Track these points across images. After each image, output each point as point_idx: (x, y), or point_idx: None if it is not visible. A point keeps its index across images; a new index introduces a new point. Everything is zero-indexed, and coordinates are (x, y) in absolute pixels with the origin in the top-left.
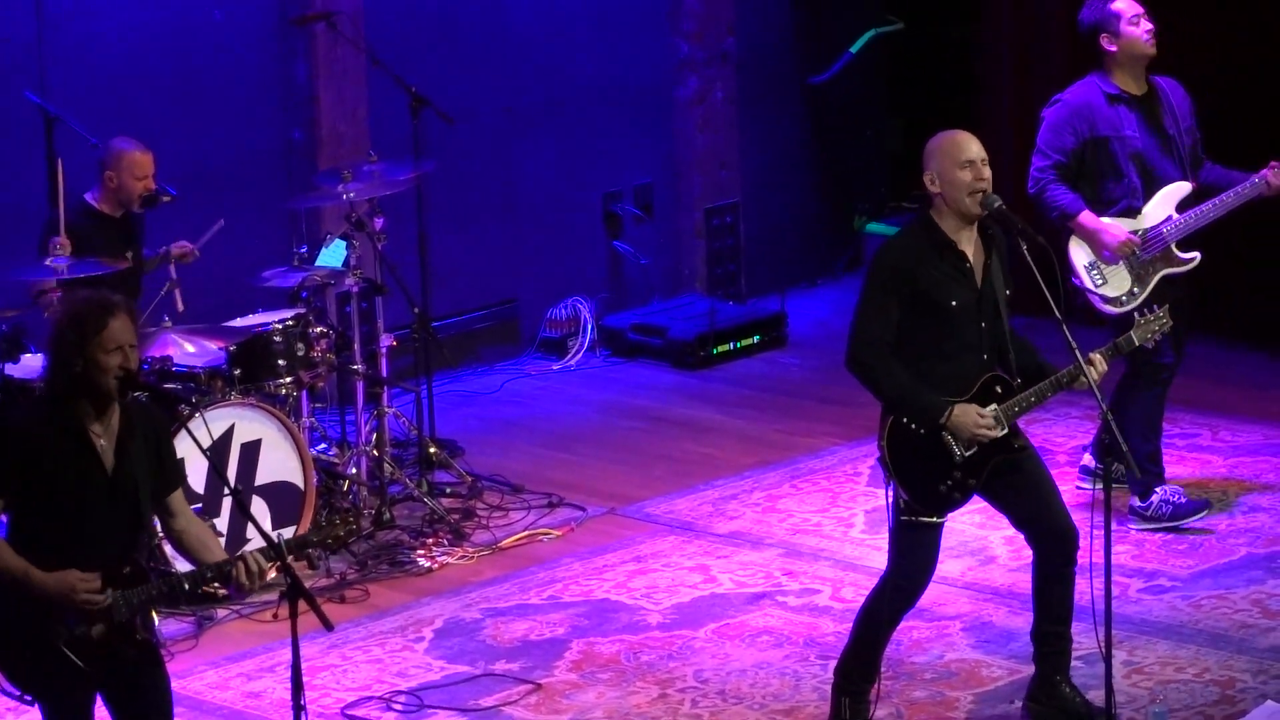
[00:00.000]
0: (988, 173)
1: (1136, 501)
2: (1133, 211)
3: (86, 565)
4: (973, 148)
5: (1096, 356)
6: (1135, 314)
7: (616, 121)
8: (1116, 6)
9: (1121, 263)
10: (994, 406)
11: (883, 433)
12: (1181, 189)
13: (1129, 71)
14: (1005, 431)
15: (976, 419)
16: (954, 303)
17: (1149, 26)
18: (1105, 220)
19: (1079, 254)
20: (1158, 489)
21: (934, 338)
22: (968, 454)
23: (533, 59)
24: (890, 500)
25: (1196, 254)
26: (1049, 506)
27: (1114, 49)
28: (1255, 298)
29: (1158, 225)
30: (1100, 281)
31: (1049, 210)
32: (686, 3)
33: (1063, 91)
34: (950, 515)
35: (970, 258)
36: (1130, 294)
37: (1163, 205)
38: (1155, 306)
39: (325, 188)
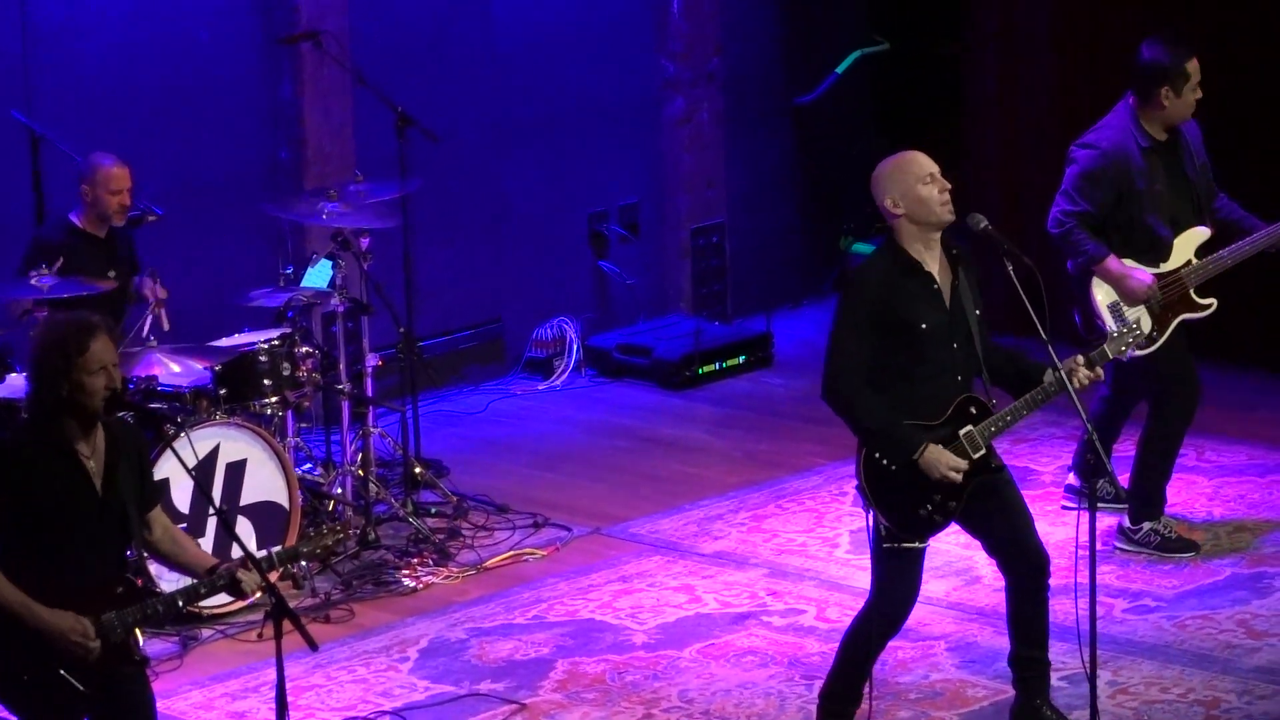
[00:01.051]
0: (947, 181)
1: (1126, 522)
2: (1158, 260)
3: (80, 585)
4: (926, 162)
5: (1078, 362)
6: (1119, 321)
7: (603, 141)
8: (1190, 67)
9: (1143, 306)
10: (969, 428)
11: (859, 464)
12: (1201, 234)
13: (1163, 124)
14: (983, 452)
15: (948, 463)
16: (924, 325)
17: (1200, 94)
18: (1129, 264)
19: (1101, 294)
20: (1152, 520)
21: (906, 361)
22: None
23: (519, 78)
24: (870, 527)
25: (1213, 301)
26: (1022, 532)
27: (1167, 105)
28: (1241, 317)
29: (1177, 270)
30: (1123, 324)
31: (1074, 253)
32: (673, 23)
33: (1095, 130)
34: (935, 536)
35: (937, 278)
36: (1150, 337)
37: (1182, 250)
38: (1127, 320)
39: (311, 206)
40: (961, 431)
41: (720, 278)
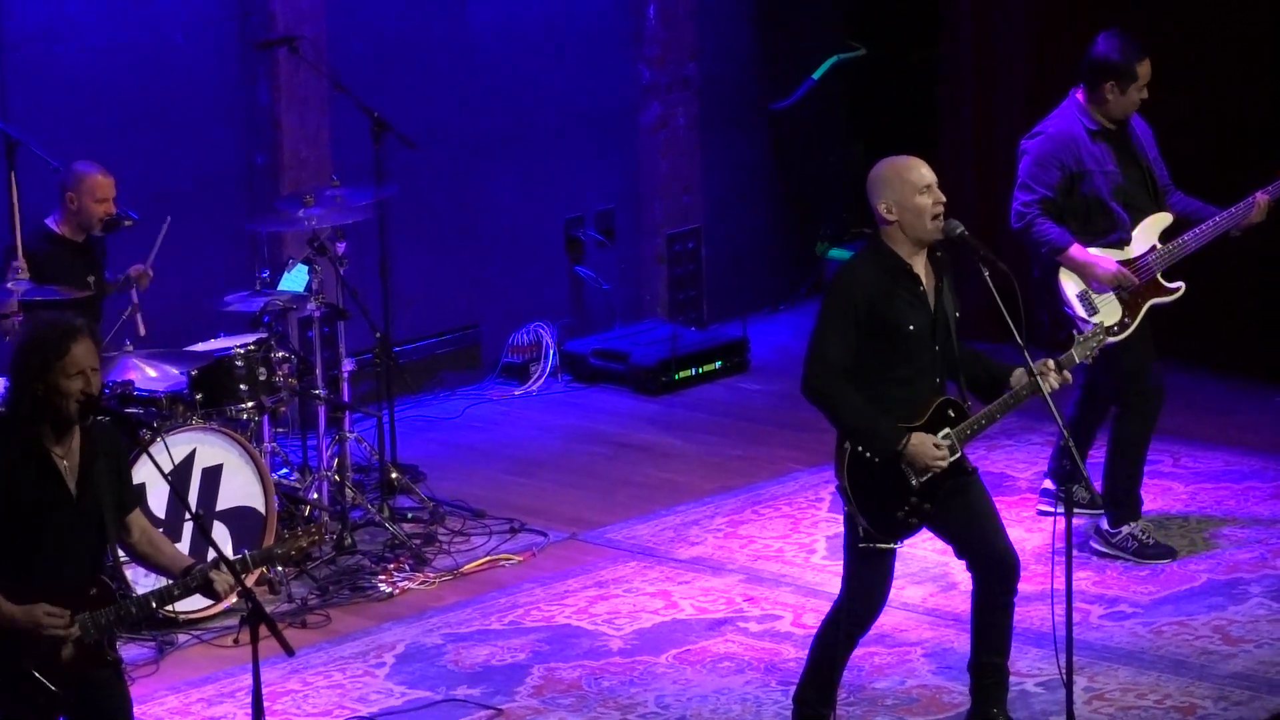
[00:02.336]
0: (942, 195)
1: (1105, 525)
2: (1122, 243)
3: (52, 587)
4: (926, 171)
5: (1049, 365)
6: (1074, 332)
7: (579, 147)
8: (1140, 69)
9: (1113, 293)
10: (947, 431)
11: (841, 462)
12: (1163, 219)
13: (1107, 116)
14: (959, 455)
15: (933, 450)
16: (911, 327)
17: (1146, 95)
18: (1094, 251)
19: (1070, 285)
20: (1130, 524)
21: (889, 362)
22: (923, 479)
23: (495, 84)
24: (845, 528)
25: (1181, 284)
26: (992, 535)
27: (1110, 100)
28: (1216, 322)
29: (1143, 255)
30: (1092, 311)
31: (1037, 245)
32: (649, 28)
33: (1042, 122)
34: (910, 542)
35: (924, 281)
36: (1122, 323)
37: (1146, 236)
38: (1097, 308)
39: (287, 212)
40: (940, 434)
41: (696, 283)
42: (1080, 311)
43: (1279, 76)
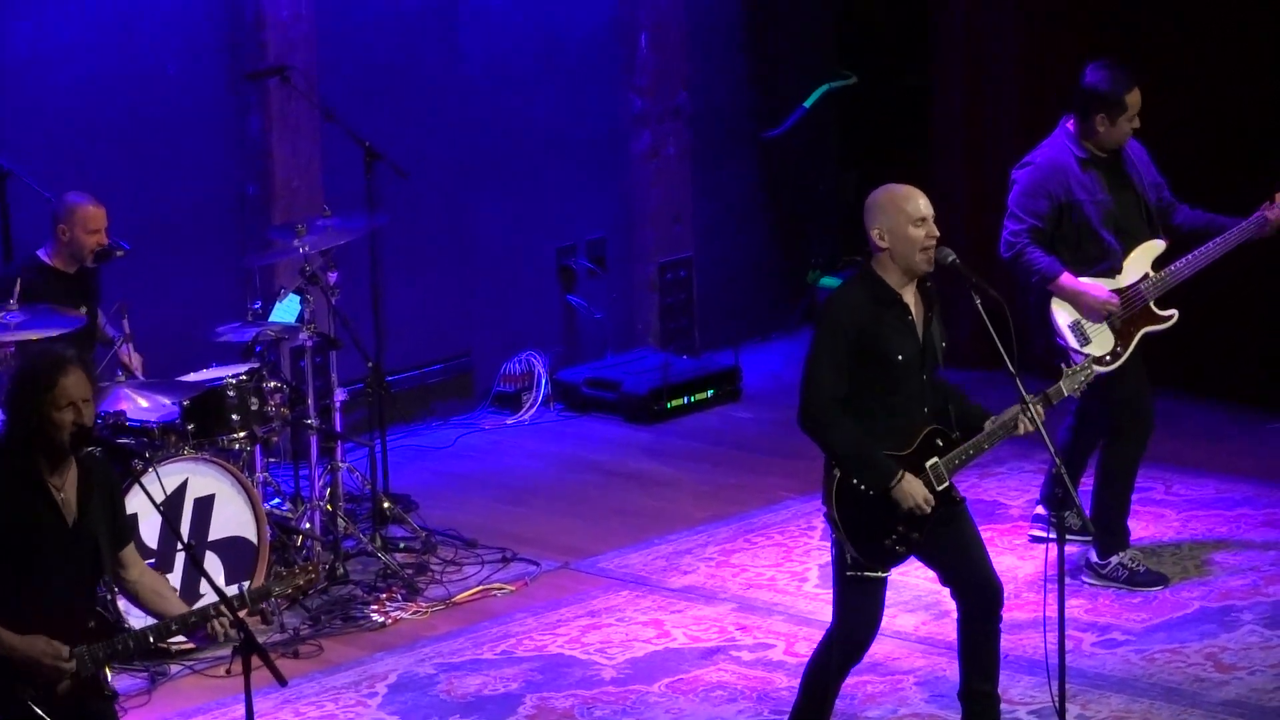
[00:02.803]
0: (936, 229)
1: (1094, 557)
2: (1113, 271)
3: (51, 618)
4: (923, 204)
5: (1034, 404)
6: (1062, 365)
7: (570, 175)
8: (1129, 99)
9: (1105, 322)
10: (935, 460)
11: (830, 491)
12: (1156, 246)
13: (1098, 146)
14: (947, 484)
15: (922, 494)
16: (900, 356)
17: (1138, 125)
18: (1085, 281)
19: (1062, 314)
20: (1119, 553)
21: (879, 391)
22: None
23: (487, 113)
24: (834, 556)
25: (1174, 312)
26: (977, 563)
27: (1101, 131)
28: (1208, 349)
29: (1136, 283)
30: (1085, 341)
31: (1028, 274)
32: (640, 57)
33: (1032, 151)
34: (902, 570)
35: (913, 310)
36: (1114, 353)
37: (1139, 263)
38: (1084, 354)
39: (279, 242)
40: (928, 463)
41: (688, 312)
42: (1072, 342)
43: (1279, 76)
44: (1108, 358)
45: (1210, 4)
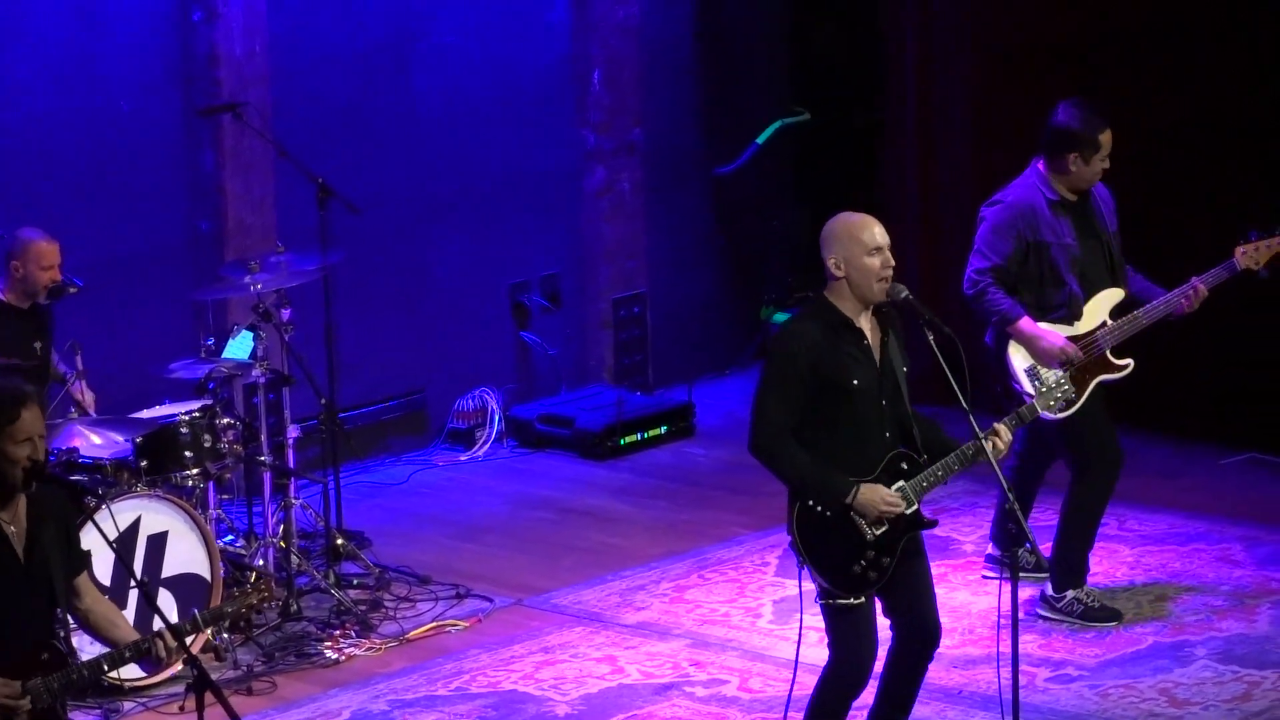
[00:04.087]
0: (892, 259)
1: (1049, 590)
2: (1071, 318)
3: (3, 653)
4: (879, 233)
5: (1000, 426)
6: (1036, 384)
7: (523, 212)
8: (1102, 138)
9: (1060, 369)
10: (901, 483)
11: (791, 518)
12: (1115, 295)
13: (1069, 187)
14: (915, 507)
15: (884, 496)
16: (855, 382)
17: (1108, 165)
18: (1043, 326)
19: (1018, 359)
20: (1074, 589)
21: (837, 418)
22: (879, 533)
23: (440, 150)
24: (800, 588)
25: (1130, 361)
26: (923, 602)
27: (1073, 171)
28: (1161, 386)
29: (1093, 331)
30: (1039, 386)
31: (987, 314)
32: (593, 93)
33: (1003, 190)
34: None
35: (869, 336)
36: (1068, 400)
37: (1098, 311)
38: (1046, 382)
39: (232, 278)
40: (894, 486)
41: (642, 348)
42: (1027, 387)
43: (1279, 76)
44: (1058, 405)
45: (1161, 46)
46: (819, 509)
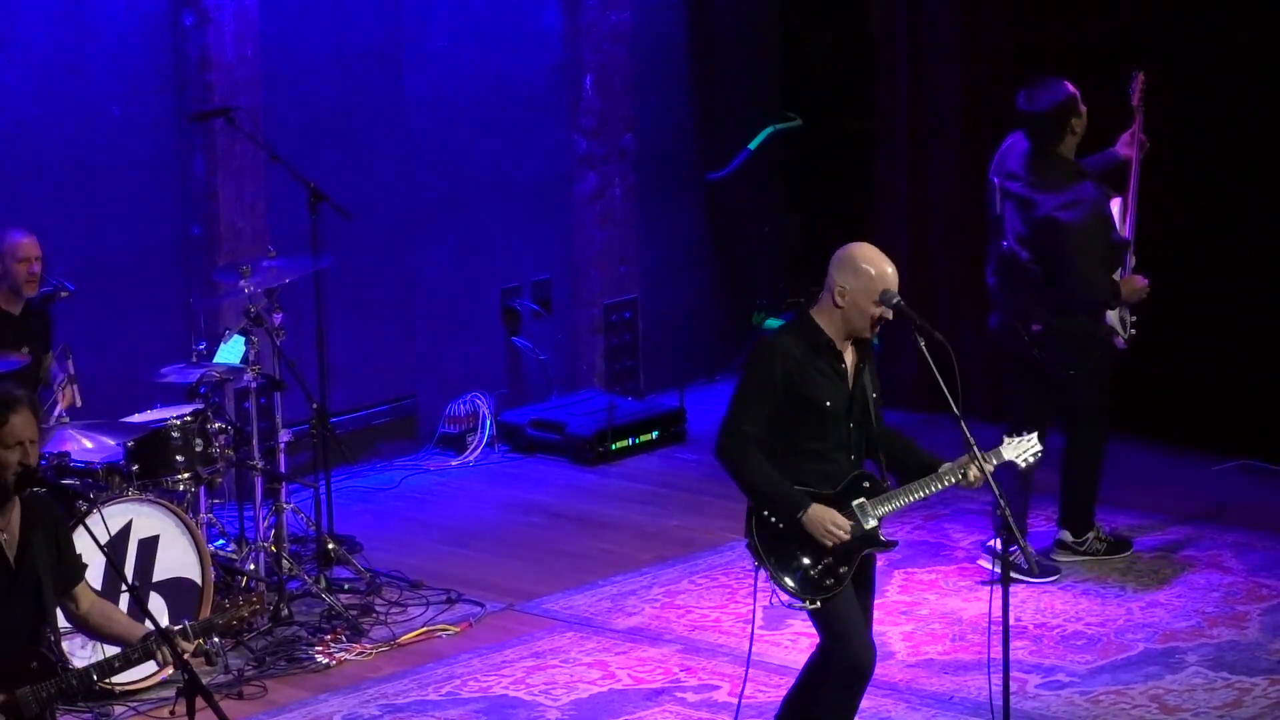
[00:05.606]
0: (890, 315)
1: (1067, 537)
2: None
3: None
4: (893, 284)
5: (973, 466)
6: (1004, 435)
7: (515, 217)
8: (1071, 89)
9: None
10: (861, 500)
11: (749, 524)
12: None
13: (1075, 150)
14: (872, 526)
15: (831, 521)
16: (828, 403)
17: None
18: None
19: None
20: (1090, 531)
21: (805, 435)
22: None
23: (432, 154)
24: (768, 587)
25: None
26: (864, 627)
27: (1079, 130)
28: (1152, 393)
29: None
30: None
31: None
32: (585, 99)
33: (1060, 192)
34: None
35: (846, 360)
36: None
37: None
38: (1025, 431)
39: (224, 283)
40: (854, 502)
41: (633, 353)
42: (1118, 328)
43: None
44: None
45: (1152, 53)
46: (773, 519)
